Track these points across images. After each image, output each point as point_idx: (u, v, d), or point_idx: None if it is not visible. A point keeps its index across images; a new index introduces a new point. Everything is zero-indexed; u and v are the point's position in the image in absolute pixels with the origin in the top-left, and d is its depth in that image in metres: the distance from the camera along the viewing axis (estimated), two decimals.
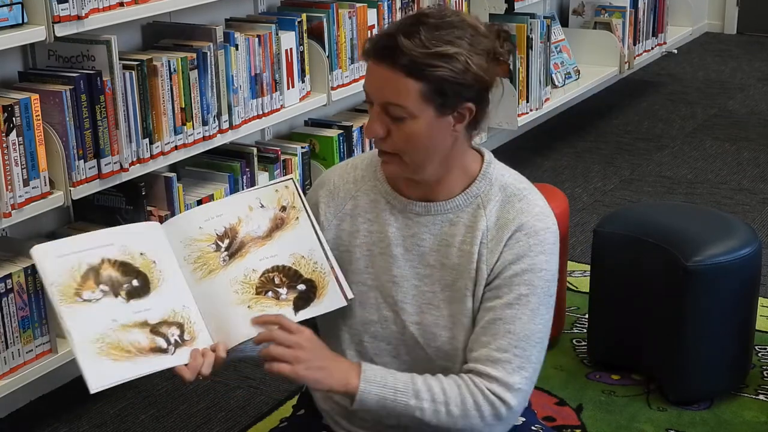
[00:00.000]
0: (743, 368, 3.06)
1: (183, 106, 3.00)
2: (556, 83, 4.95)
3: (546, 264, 1.87)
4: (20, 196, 2.60)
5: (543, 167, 4.98)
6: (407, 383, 1.84)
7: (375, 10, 3.71)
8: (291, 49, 3.40)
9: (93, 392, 1.71)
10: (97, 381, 1.71)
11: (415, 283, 1.92)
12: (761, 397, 3.03)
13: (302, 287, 1.89)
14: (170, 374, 1.80)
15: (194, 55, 3.02)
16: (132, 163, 2.88)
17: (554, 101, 4.87)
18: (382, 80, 1.79)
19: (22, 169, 2.59)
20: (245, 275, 1.88)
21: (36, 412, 3.03)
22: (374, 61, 1.80)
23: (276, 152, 3.43)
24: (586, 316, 3.30)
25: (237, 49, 3.17)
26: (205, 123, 3.09)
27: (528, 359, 1.85)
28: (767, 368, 3.17)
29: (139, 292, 1.81)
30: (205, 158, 3.28)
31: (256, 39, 3.25)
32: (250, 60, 3.24)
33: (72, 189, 2.72)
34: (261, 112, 3.32)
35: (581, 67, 5.16)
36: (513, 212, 1.88)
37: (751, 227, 3.12)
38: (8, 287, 2.62)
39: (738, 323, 2.98)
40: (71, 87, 2.68)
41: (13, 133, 2.55)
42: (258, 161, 3.35)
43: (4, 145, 2.53)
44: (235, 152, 3.34)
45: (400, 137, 1.82)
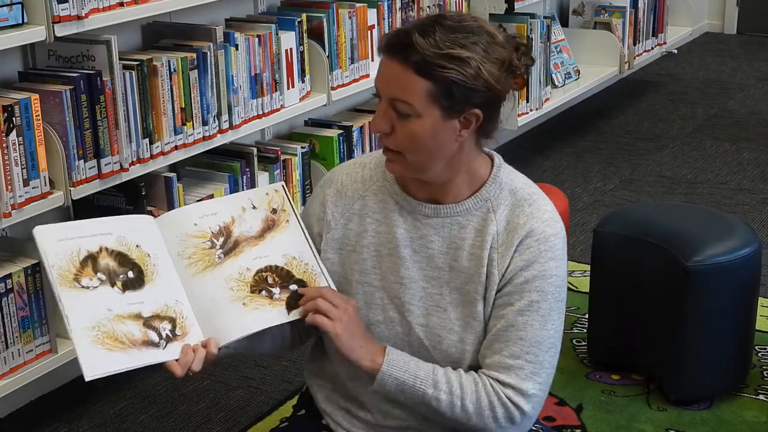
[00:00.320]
0: (743, 368, 3.06)
1: (183, 106, 3.00)
2: (556, 83, 4.95)
3: (556, 270, 1.88)
4: (20, 196, 2.60)
5: (543, 167, 4.98)
6: (428, 372, 1.87)
7: (375, 10, 3.71)
8: (291, 49, 3.40)
9: (88, 380, 1.72)
10: (92, 369, 1.73)
11: (423, 285, 1.92)
12: (761, 397, 3.03)
13: (294, 287, 1.90)
14: (170, 374, 1.80)
15: (194, 55, 3.02)
16: (132, 163, 2.88)
17: (554, 101, 4.86)
18: (392, 75, 1.80)
19: (22, 169, 2.59)
20: (240, 273, 1.89)
21: (36, 412, 3.03)
22: (387, 56, 1.81)
23: (276, 152, 3.43)
24: (586, 316, 3.30)
25: (237, 49, 3.17)
26: (205, 123, 3.09)
27: (541, 365, 1.87)
28: (767, 368, 3.17)
29: (134, 284, 1.83)
30: (205, 158, 3.28)
31: (256, 39, 3.25)
32: (250, 60, 3.24)
33: (72, 189, 2.72)
34: (261, 112, 3.32)
35: (581, 67, 5.15)
36: (523, 217, 1.89)
37: (751, 227, 3.12)
38: (8, 287, 2.62)
39: (738, 323, 2.98)
40: (71, 87, 2.68)
41: (13, 133, 2.55)
42: (258, 161, 3.35)
43: (4, 145, 2.53)
44: (235, 152, 3.34)
45: (404, 135, 1.82)
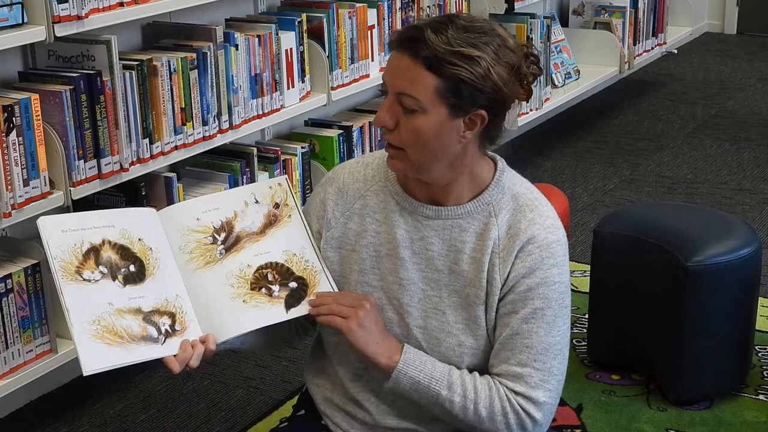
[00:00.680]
0: (743, 368, 3.06)
1: (183, 106, 3.00)
2: (556, 83, 4.95)
3: (559, 276, 1.88)
4: (20, 196, 2.59)
5: (543, 167, 4.98)
6: (443, 373, 1.87)
7: (375, 10, 3.71)
8: (291, 49, 3.39)
9: (86, 374, 1.72)
10: (91, 364, 1.73)
11: (422, 287, 1.92)
12: (761, 397, 3.03)
13: (294, 285, 1.90)
14: (170, 374, 1.80)
15: (194, 55, 3.01)
16: (132, 163, 2.88)
17: (554, 101, 4.86)
18: (401, 69, 1.80)
19: (22, 169, 2.59)
20: (240, 270, 1.89)
21: (36, 412, 3.03)
22: (398, 50, 1.81)
23: (276, 152, 3.43)
24: (586, 316, 3.30)
25: (237, 49, 3.17)
26: (205, 123, 3.09)
27: (549, 372, 1.86)
28: (767, 368, 3.17)
29: (135, 278, 1.83)
30: (205, 158, 3.28)
31: (256, 39, 3.25)
32: (250, 60, 3.24)
33: (72, 189, 2.72)
34: (261, 112, 3.31)
35: (581, 67, 5.15)
36: (525, 222, 1.88)
37: (751, 227, 3.12)
38: (8, 287, 2.62)
39: (738, 323, 2.98)
40: (71, 87, 2.68)
41: (13, 133, 2.55)
42: (258, 161, 3.35)
43: (4, 145, 2.53)
44: (235, 152, 3.34)
45: (408, 131, 1.81)
